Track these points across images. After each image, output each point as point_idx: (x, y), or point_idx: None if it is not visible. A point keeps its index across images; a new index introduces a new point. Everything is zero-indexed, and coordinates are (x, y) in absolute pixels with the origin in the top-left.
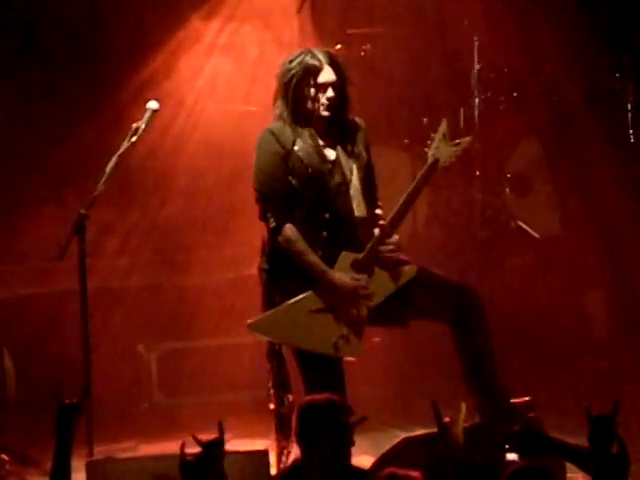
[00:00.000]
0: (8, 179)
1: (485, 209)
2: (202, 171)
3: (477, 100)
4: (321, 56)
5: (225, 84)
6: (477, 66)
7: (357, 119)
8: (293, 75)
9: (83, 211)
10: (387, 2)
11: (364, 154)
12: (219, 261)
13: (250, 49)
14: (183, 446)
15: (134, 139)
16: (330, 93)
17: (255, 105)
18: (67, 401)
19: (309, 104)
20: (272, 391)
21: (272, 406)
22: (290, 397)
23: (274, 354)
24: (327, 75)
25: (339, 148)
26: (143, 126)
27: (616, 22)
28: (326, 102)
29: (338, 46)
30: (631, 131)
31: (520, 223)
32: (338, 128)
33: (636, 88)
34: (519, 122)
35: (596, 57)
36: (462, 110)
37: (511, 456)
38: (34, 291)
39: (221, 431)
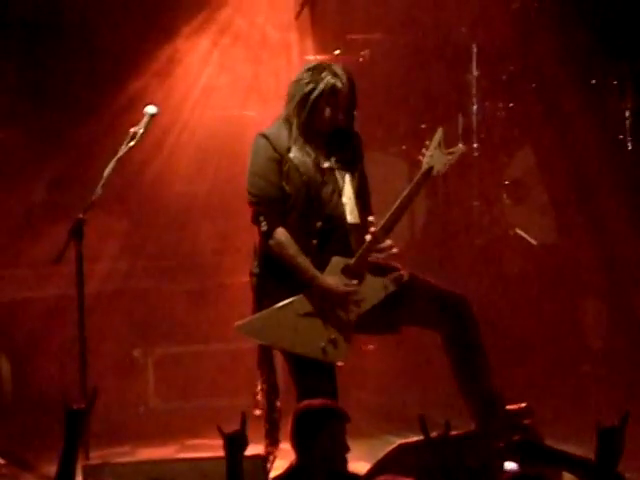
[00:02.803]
0: (5, 183)
1: (482, 216)
2: (199, 176)
3: (475, 107)
4: (344, 77)
5: (223, 89)
6: (475, 73)
7: (353, 130)
8: (314, 89)
9: (81, 215)
10: (386, 8)
11: (358, 165)
12: (216, 266)
13: (249, 54)
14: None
15: (132, 144)
16: (342, 116)
17: (253, 110)
18: (75, 406)
19: (319, 120)
20: (259, 397)
21: (258, 412)
22: (278, 403)
23: (265, 360)
24: (340, 94)
25: (333, 157)
26: (141, 131)
27: (614, 29)
28: (335, 119)
29: (337, 51)
30: (629, 138)
31: (518, 230)
32: (335, 137)
33: (634, 95)
34: (517, 129)
35: (594, 64)
36: (460, 117)
37: (510, 465)
38: (31, 295)
39: (243, 423)
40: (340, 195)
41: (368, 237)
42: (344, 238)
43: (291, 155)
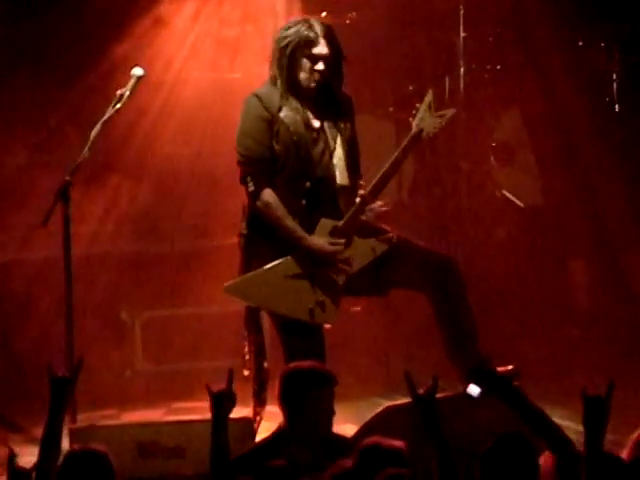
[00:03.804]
0: None
1: (469, 178)
2: (186, 138)
3: (462, 69)
4: (318, 28)
5: (209, 51)
6: (462, 34)
7: (345, 92)
8: (289, 43)
9: (67, 178)
10: None
11: (350, 127)
12: (204, 228)
13: (235, 16)
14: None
15: (119, 106)
16: (321, 66)
17: (239, 72)
18: (60, 374)
19: (301, 74)
20: (248, 357)
21: (246, 372)
22: (265, 364)
23: (252, 321)
24: (321, 48)
25: (325, 118)
26: (128, 93)
27: None
28: (317, 75)
29: (324, 14)
30: (616, 100)
31: (505, 192)
32: (327, 99)
33: (621, 57)
34: (504, 91)
35: (581, 26)
36: (447, 79)
37: (473, 389)
38: (17, 257)
39: (230, 381)
40: (331, 156)
41: (357, 200)
42: (333, 199)
43: (282, 114)
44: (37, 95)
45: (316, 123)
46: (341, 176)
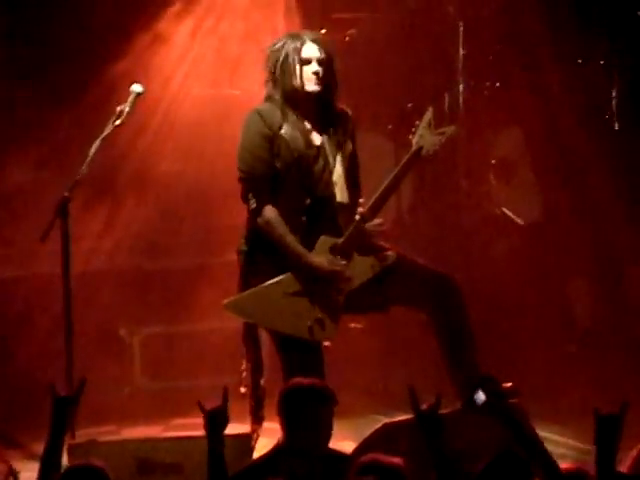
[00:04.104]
0: None
1: (469, 195)
2: (185, 154)
3: (461, 86)
4: (303, 34)
5: (209, 68)
6: (462, 52)
7: (345, 108)
8: (279, 55)
9: (66, 194)
10: None
11: (350, 144)
12: (203, 245)
13: (235, 33)
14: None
15: (118, 122)
16: (315, 67)
17: (239, 89)
18: (62, 394)
19: (295, 81)
20: (245, 374)
21: (243, 390)
22: (262, 381)
23: (250, 338)
24: (310, 50)
25: (325, 135)
26: (127, 109)
27: (602, 8)
28: (312, 76)
29: (323, 31)
30: (615, 117)
31: (504, 210)
32: (326, 115)
33: (621, 75)
34: (503, 108)
35: (581, 44)
36: (447, 96)
37: (480, 396)
38: (17, 274)
39: (225, 399)
40: (331, 173)
41: (357, 217)
42: (333, 217)
43: (283, 131)
44: (37, 111)
45: (317, 139)
46: (340, 193)
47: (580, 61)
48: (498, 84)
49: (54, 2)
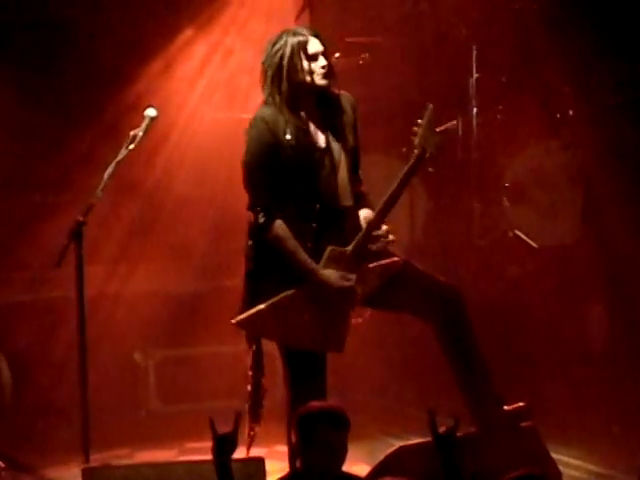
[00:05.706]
0: (6, 186)
1: (483, 218)
2: (199, 179)
3: (475, 109)
4: (303, 30)
5: (223, 91)
6: (475, 75)
7: (345, 94)
8: (282, 54)
9: (80, 218)
10: (385, 11)
11: (352, 136)
12: (216, 268)
13: (248, 58)
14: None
15: (132, 146)
16: (323, 61)
17: (252, 113)
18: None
19: (306, 77)
20: (250, 373)
21: (249, 388)
22: (263, 380)
23: (252, 339)
24: (316, 45)
25: (328, 131)
26: (141, 133)
27: (615, 30)
28: (322, 70)
29: (336, 55)
30: (629, 139)
31: (518, 232)
32: (327, 105)
33: (633, 95)
34: (517, 132)
35: (594, 65)
36: (460, 119)
37: None
38: (32, 297)
39: (236, 424)
40: (336, 177)
41: (363, 225)
42: (338, 221)
43: (288, 137)
44: (50, 136)
45: (321, 140)
46: (344, 198)
47: (593, 82)
48: (511, 108)
49: (67, 27)
